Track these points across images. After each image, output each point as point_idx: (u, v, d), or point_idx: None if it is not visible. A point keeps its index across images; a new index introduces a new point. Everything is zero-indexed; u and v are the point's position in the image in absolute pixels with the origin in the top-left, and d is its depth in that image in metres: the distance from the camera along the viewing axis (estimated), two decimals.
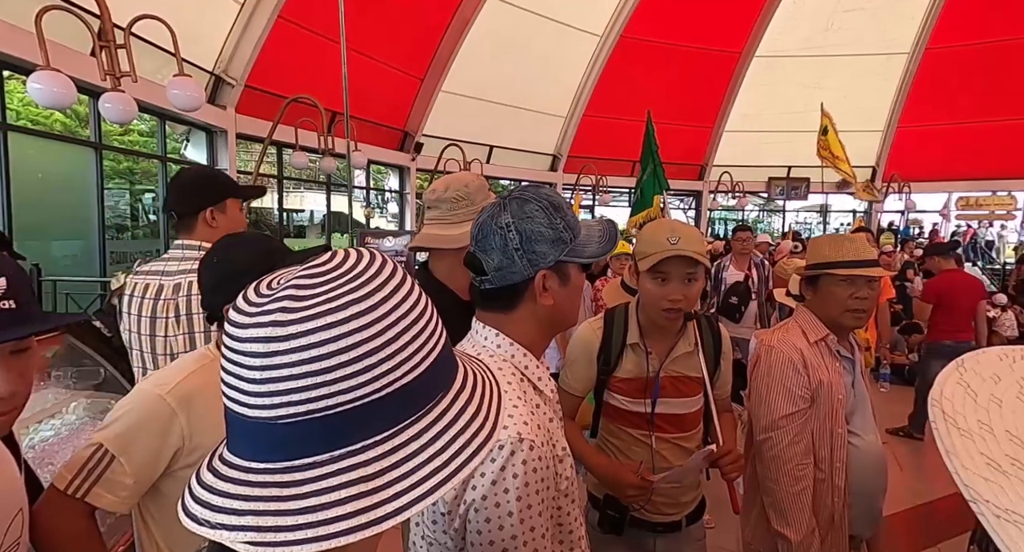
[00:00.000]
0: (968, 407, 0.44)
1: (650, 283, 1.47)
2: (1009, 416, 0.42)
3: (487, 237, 0.90)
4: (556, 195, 0.95)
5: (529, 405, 0.85)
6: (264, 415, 0.40)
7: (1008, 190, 13.93)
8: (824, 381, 1.52)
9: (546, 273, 0.90)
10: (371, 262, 0.45)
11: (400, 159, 10.89)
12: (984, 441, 0.41)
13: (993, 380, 0.46)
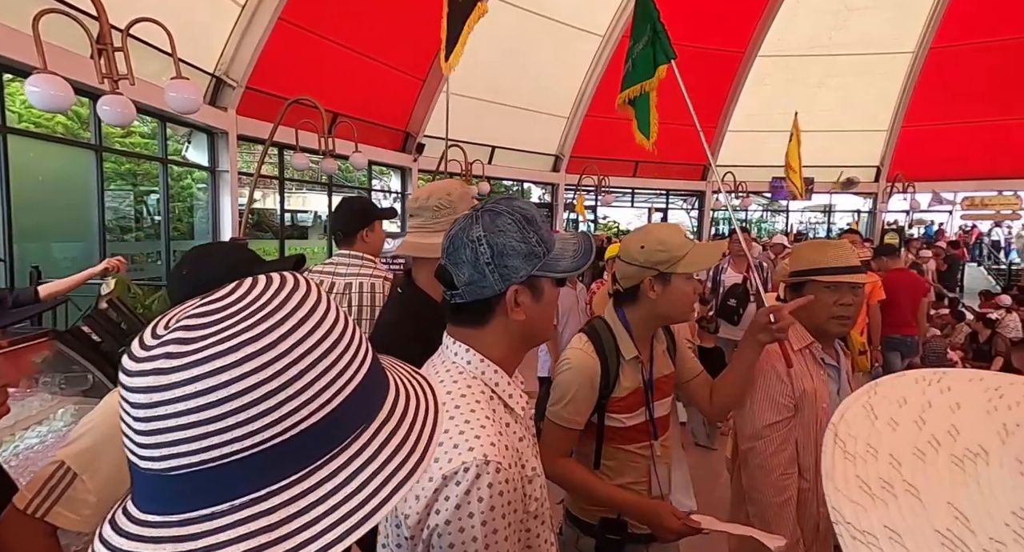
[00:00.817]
0: (863, 430, 0.43)
1: (687, 284, 1.45)
2: (899, 439, 0.42)
3: (458, 250, 0.88)
4: (530, 208, 0.92)
5: (498, 424, 0.83)
6: (154, 467, 0.38)
7: (1014, 190, 13.83)
8: (808, 389, 1.51)
9: (518, 288, 0.88)
10: (278, 291, 0.42)
11: (402, 160, 10.90)
12: (865, 464, 0.41)
13: (899, 403, 0.45)
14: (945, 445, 0.41)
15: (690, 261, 1.41)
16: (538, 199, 15.32)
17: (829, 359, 1.60)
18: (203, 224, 7.15)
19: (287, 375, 0.39)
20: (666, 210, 15.95)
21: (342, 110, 8.56)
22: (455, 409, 0.82)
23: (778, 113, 13.12)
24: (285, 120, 6.49)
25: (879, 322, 4.00)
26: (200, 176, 7.22)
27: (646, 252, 1.45)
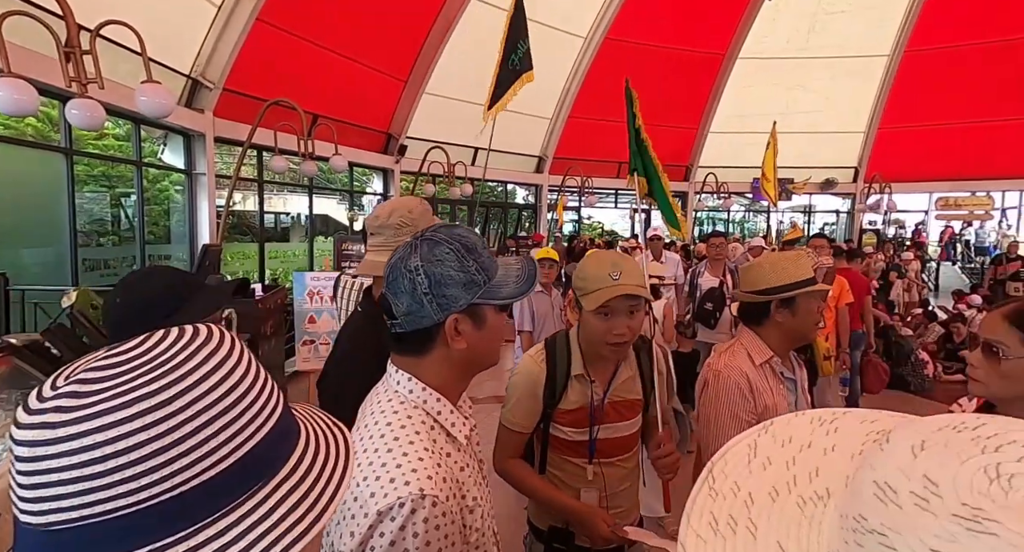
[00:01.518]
0: (738, 468, 0.44)
1: (594, 319, 1.46)
2: (764, 479, 0.43)
3: (396, 280, 0.88)
4: (471, 235, 0.93)
5: (437, 456, 0.83)
6: (33, 521, 0.37)
7: (986, 190, 14.14)
8: (769, 405, 1.52)
9: (458, 317, 0.88)
10: (186, 345, 0.42)
11: (384, 161, 10.84)
12: (724, 501, 0.41)
13: (784, 443, 0.45)
14: (800, 486, 0.42)
15: (592, 298, 1.43)
16: (522, 200, 15.34)
17: (787, 372, 1.62)
18: (180, 227, 7.05)
19: (179, 433, 0.38)
20: (649, 211, 16.04)
21: (322, 112, 8.49)
22: (393, 441, 0.82)
23: (759, 115, 13.28)
24: (264, 122, 6.42)
25: (848, 324, 4.06)
26: (177, 178, 7.11)
27: (576, 275, 1.51)
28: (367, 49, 9.27)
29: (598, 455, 1.53)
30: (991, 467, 0.30)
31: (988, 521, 0.28)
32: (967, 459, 0.31)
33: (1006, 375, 1.11)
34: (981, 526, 0.28)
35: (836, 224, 16.20)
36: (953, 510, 0.29)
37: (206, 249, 4.88)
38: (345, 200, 11.19)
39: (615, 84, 12.35)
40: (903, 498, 0.31)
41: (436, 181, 10.80)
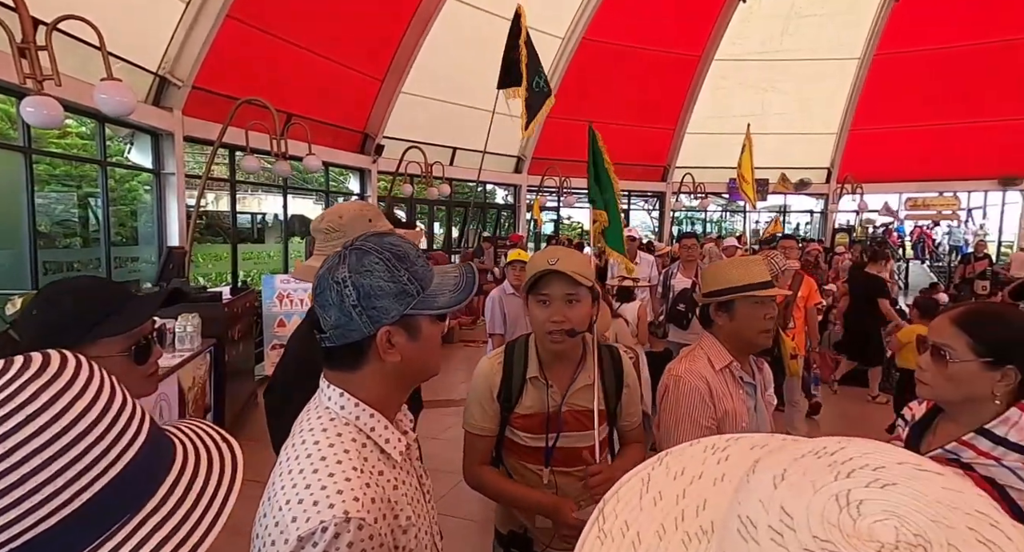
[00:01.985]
0: (629, 506, 0.42)
1: (535, 306, 1.47)
2: (654, 516, 0.41)
3: (324, 292, 0.85)
4: (403, 245, 0.90)
5: (367, 475, 0.80)
6: None
7: (953, 191, 14.52)
8: (729, 410, 1.52)
9: (390, 329, 0.86)
10: (25, 384, 0.38)
11: (360, 161, 10.72)
12: (612, 543, 0.39)
13: (676, 475, 0.44)
14: (687, 521, 0.40)
15: (530, 283, 1.46)
16: (501, 200, 15.31)
17: (747, 376, 1.62)
18: (148, 229, 6.87)
19: (18, 474, 0.35)
20: (628, 211, 16.15)
21: (296, 111, 8.36)
22: (320, 461, 0.79)
23: (734, 116, 13.45)
24: (236, 121, 6.30)
25: (816, 324, 4.12)
26: (146, 178, 6.93)
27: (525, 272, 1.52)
28: (343, 47, 9.16)
29: (555, 463, 1.51)
30: (842, 494, 0.30)
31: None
32: (821, 487, 0.30)
33: (952, 378, 1.12)
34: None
35: (811, 224, 16.48)
36: (805, 544, 0.28)
37: (170, 252, 4.76)
38: (321, 200, 11.04)
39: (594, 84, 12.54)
40: (761, 534, 0.30)
41: (414, 181, 10.72)
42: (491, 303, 3.89)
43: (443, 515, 1.15)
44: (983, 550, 0.26)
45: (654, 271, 5.38)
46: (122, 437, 0.41)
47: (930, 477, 0.30)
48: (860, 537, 0.27)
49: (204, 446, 0.49)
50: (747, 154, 7.31)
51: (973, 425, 1.10)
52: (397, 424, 0.94)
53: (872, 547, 0.27)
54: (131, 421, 0.43)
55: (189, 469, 0.45)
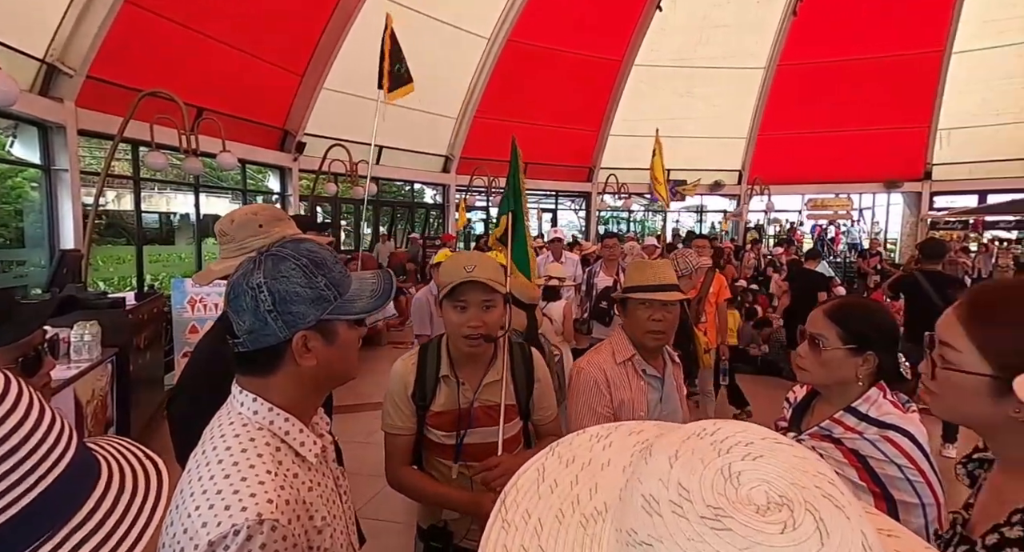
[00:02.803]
0: (528, 495, 0.45)
1: (451, 312, 1.50)
2: (551, 502, 0.44)
3: (238, 297, 0.86)
4: (321, 251, 0.91)
5: (281, 478, 0.81)
6: None
7: (847, 193, 15.93)
8: (626, 399, 1.62)
9: (307, 334, 0.87)
10: None
11: (280, 159, 10.29)
12: (515, 532, 0.42)
13: (568, 462, 0.47)
14: (582, 504, 0.43)
15: (447, 291, 1.47)
16: (430, 200, 15.18)
17: (651, 370, 1.72)
18: (37, 230, 6.26)
19: None
20: (555, 211, 16.48)
21: (208, 105, 7.90)
22: (232, 467, 0.79)
23: (654, 119, 14.06)
24: (140, 114, 5.86)
25: (726, 318, 4.40)
26: (33, 175, 6.31)
27: (439, 277, 1.55)
28: (259, 40, 8.75)
29: (465, 458, 1.55)
30: (725, 468, 0.35)
31: (725, 518, 0.32)
32: (708, 463, 0.35)
33: (825, 364, 1.25)
34: (720, 524, 0.32)
35: (723, 222, 17.49)
36: (700, 513, 0.33)
37: (64, 255, 4.36)
38: (238, 199, 10.50)
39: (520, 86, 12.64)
40: (663, 507, 0.34)
41: (338, 180, 10.41)
42: (418, 304, 3.86)
43: (369, 518, 1.15)
44: (826, 502, 0.33)
45: (579, 270, 5.53)
46: (51, 453, 0.41)
47: (784, 448, 0.36)
48: (742, 502, 0.33)
49: (129, 464, 0.48)
50: (658, 157, 7.74)
51: (842, 405, 1.24)
52: (313, 427, 0.94)
53: (751, 509, 0.32)
54: (59, 438, 0.43)
55: (114, 487, 0.45)
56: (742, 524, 0.32)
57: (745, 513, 0.32)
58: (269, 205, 1.60)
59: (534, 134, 13.66)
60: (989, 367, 0.77)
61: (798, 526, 0.32)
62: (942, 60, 13.29)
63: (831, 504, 0.33)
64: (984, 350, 0.78)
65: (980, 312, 0.81)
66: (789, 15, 13.43)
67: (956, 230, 14.26)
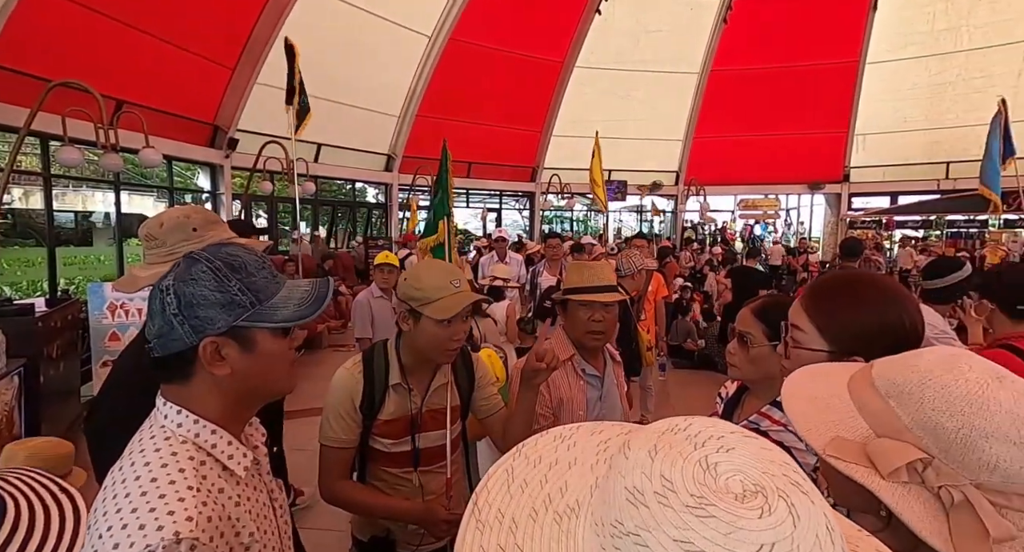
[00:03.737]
0: (499, 496, 0.46)
1: (436, 327, 1.44)
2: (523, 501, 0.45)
3: (151, 300, 0.83)
4: (243, 255, 0.86)
5: (204, 493, 0.77)
6: None
7: (775, 194, 16.84)
8: (565, 398, 1.64)
9: (218, 340, 0.82)
10: None
11: (211, 156, 9.80)
12: (491, 531, 0.43)
13: (535, 463, 0.48)
14: (554, 502, 0.44)
15: (439, 307, 1.42)
16: (372, 199, 14.87)
17: (591, 369, 1.74)
18: None
19: None
20: (500, 210, 16.52)
21: (129, 98, 7.42)
22: (150, 483, 0.75)
23: (596, 120, 14.36)
24: (49, 106, 5.42)
25: (664, 315, 4.55)
26: None
27: (405, 285, 1.49)
28: (184, 31, 8.29)
29: (421, 463, 1.53)
30: (703, 460, 0.37)
31: (708, 506, 0.35)
32: (687, 456, 0.37)
33: (753, 360, 1.31)
34: (704, 511, 0.35)
35: (663, 222, 18.07)
36: (685, 502, 0.35)
37: None
38: (164, 198, 9.92)
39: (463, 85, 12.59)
40: (649, 498, 0.36)
41: (275, 178, 10.01)
42: (358, 307, 3.77)
43: (308, 528, 1.11)
44: (794, 489, 0.36)
45: (523, 270, 5.57)
46: None
47: (752, 441, 0.39)
48: (721, 491, 0.35)
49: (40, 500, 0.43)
50: (596, 159, 7.92)
51: (769, 398, 1.30)
52: (246, 439, 0.91)
53: (730, 497, 0.35)
54: None
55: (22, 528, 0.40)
56: (724, 511, 0.34)
57: (726, 501, 0.35)
58: (201, 207, 1.52)
59: (478, 134, 13.64)
60: (827, 344, 0.93)
61: (774, 511, 0.34)
62: (857, 70, 14.29)
63: (798, 490, 0.36)
64: (822, 331, 0.94)
65: (818, 300, 0.97)
66: (720, 23, 14.04)
67: (871, 229, 15.34)
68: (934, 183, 14.33)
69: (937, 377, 0.57)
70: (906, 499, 0.55)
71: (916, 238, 15.37)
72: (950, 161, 14.11)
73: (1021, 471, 0.52)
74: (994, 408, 0.53)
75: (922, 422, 0.56)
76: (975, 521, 0.52)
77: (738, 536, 0.33)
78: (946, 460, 0.55)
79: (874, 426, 0.60)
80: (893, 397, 0.59)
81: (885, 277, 1.06)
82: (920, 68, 14.08)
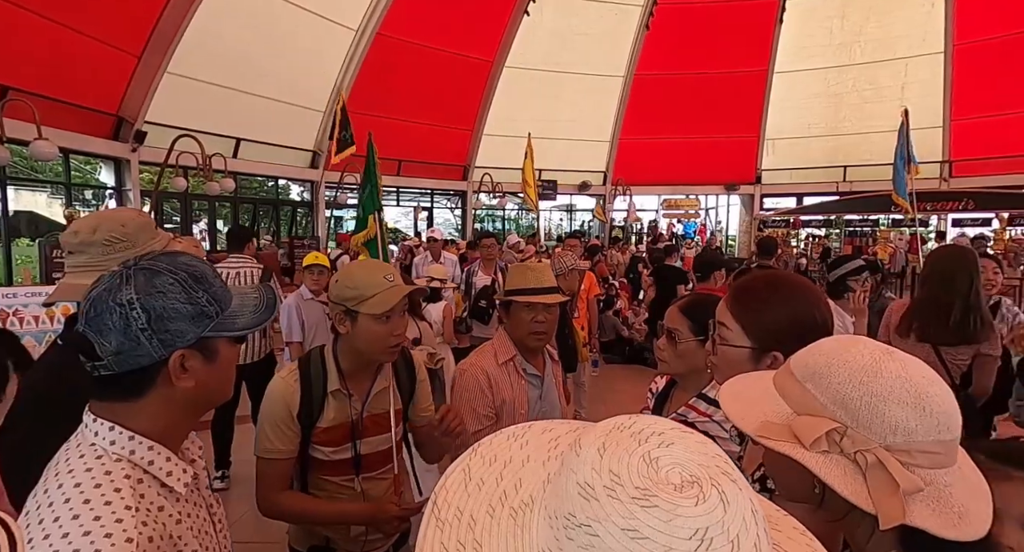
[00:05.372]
0: (457, 494, 0.48)
1: (375, 324, 1.42)
2: (480, 498, 0.47)
3: (101, 315, 0.77)
4: (200, 264, 0.85)
5: (144, 513, 0.74)
6: None
7: (696, 194, 17.75)
8: (508, 399, 1.68)
9: (185, 353, 0.80)
10: None
11: (116, 150, 9.07)
12: (450, 529, 0.45)
13: (490, 461, 0.50)
14: (510, 498, 0.46)
15: (376, 302, 1.41)
16: (297, 197, 14.28)
17: (532, 369, 1.79)
18: None
19: None
20: (431, 209, 16.36)
21: (17, 84, 6.76)
22: (82, 505, 0.71)
23: (526, 120, 14.53)
24: None
25: (596, 313, 4.70)
26: None
27: (338, 287, 1.46)
28: (83, 14, 7.62)
29: (363, 470, 1.51)
30: (646, 455, 0.41)
31: (651, 497, 0.38)
32: (632, 452, 0.41)
33: (681, 355, 1.40)
34: (648, 502, 0.38)
35: (592, 221, 18.58)
36: (631, 494, 0.38)
37: None
38: (60, 194, 9.09)
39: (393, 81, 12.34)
40: (598, 492, 0.39)
41: (189, 174, 9.39)
42: (287, 310, 3.63)
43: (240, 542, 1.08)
44: (724, 478, 0.40)
45: (457, 270, 5.56)
46: None
47: (688, 436, 0.43)
48: (662, 482, 0.38)
49: None
50: (529, 160, 8.03)
51: (696, 391, 1.39)
52: (183, 453, 0.87)
53: (670, 488, 0.38)
54: None
55: None
56: (665, 500, 0.37)
57: (667, 491, 0.38)
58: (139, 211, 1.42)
59: (408, 131, 13.42)
60: (749, 341, 1.00)
61: (707, 498, 0.38)
62: (767, 79, 15.31)
63: (728, 479, 0.40)
64: (745, 328, 1.01)
65: (740, 299, 1.05)
66: (643, 28, 14.59)
67: (780, 228, 16.50)
68: (834, 185, 15.62)
69: (840, 356, 0.66)
70: (828, 466, 0.62)
71: (819, 236, 16.70)
72: (847, 165, 15.43)
73: (918, 429, 0.61)
74: (887, 375, 0.62)
75: (833, 397, 0.64)
76: (888, 478, 0.60)
77: (677, 522, 0.37)
78: (857, 427, 0.62)
79: (796, 408, 0.67)
80: (808, 380, 0.67)
81: (799, 277, 1.16)
82: (820, 78, 15.29)
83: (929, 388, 0.62)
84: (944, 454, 0.62)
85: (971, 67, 13.24)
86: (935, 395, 0.62)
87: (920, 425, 0.61)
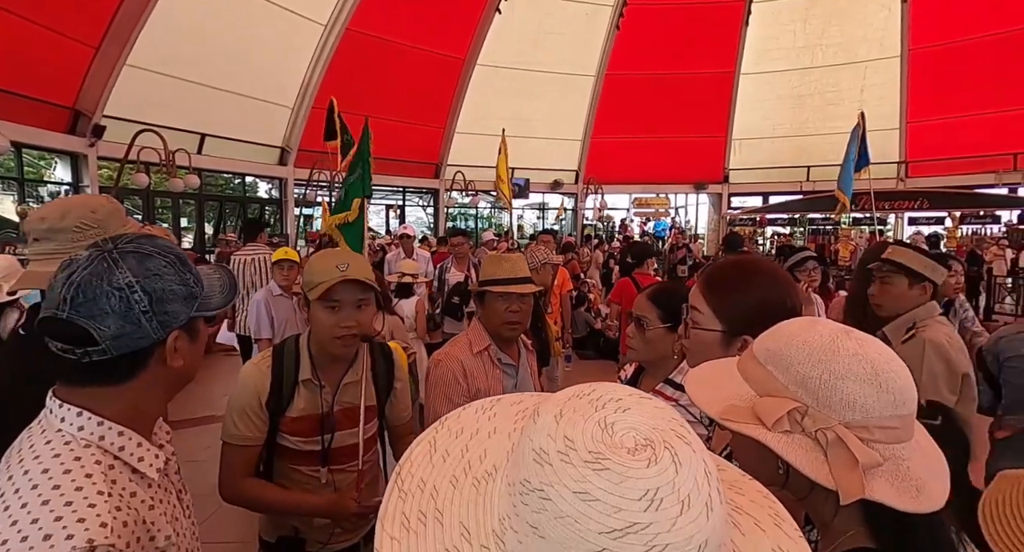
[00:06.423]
0: (422, 466, 0.48)
1: (322, 312, 1.43)
2: (444, 470, 0.47)
3: (94, 300, 0.76)
4: (173, 246, 0.87)
5: (116, 498, 0.74)
6: None
7: (666, 193, 18.03)
8: (482, 388, 1.69)
9: (178, 333, 0.83)
10: None
11: (72, 144, 8.74)
12: (412, 499, 0.45)
13: (456, 434, 0.51)
14: (473, 469, 0.47)
15: (320, 289, 1.40)
16: (265, 194, 13.99)
17: (507, 358, 1.80)
18: None
19: None
20: (403, 207, 16.22)
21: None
22: (52, 491, 0.70)
23: (499, 118, 14.53)
24: None
25: (569, 308, 4.75)
26: None
27: (304, 276, 1.48)
28: (35, 1, 7.32)
29: (331, 462, 1.50)
30: (601, 420, 0.41)
31: (603, 460, 0.39)
32: (588, 417, 0.42)
33: (649, 342, 1.43)
34: (599, 465, 0.38)
35: (564, 219, 18.69)
36: (584, 458, 0.39)
37: None
38: (12, 189, 8.72)
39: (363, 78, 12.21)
40: (552, 457, 0.40)
41: (151, 170, 9.11)
42: (255, 306, 3.57)
43: (204, 543, 1.07)
44: (679, 440, 0.41)
45: (430, 267, 5.54)
46: None
47: (645, 401, 0.44)
48: (616, 446, 0.39)
49: None
50: (503, 157, 8.05)
51: (662, 377, 1.42)
52: (153, 438, 0.87)
53: (624, 451, 0.39)
54: None
55: None
56: (617, 463, 0.38)
57: (619, 455, 0.39)
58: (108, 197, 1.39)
59: (379, 128, 13.12)
60: (720, 324, 1.02)
61: (659, 460, 0.39)
62: (733, 80, 15.64)
63: (682, 441, 0.41)
64: (717, 312, 1.03)
65: (712, 284, 1.07)
66: (613, 29, 14.74)
67: (747, 226, 16.89)
68: (798, 185, 16.05)
69: (799, 337, 0.67)
70: (791, 445, 0.64)
71: (784, 234, 17.14)
72: (811, 165, 15.87)
73: (875, 405, 0.63)
74: (844, 353, 0.64)
75: (793, 377, 0.66)
76: (848, 455, 0.61)
77: (628, 484, 0.37)
78: (817, 406, 0.64)
79: (758, 390, 0.69)
80: (770, 362, 0.68)
81: (770, 263, 1.18)
82: (784, 80, 15.69)
83: (885, 365, 0.63)
84: (901, 428, 0.64)
85: (926, 71, 13.77)
86: (891, 372, 0.63)
87: (877, 401, 0.62)
